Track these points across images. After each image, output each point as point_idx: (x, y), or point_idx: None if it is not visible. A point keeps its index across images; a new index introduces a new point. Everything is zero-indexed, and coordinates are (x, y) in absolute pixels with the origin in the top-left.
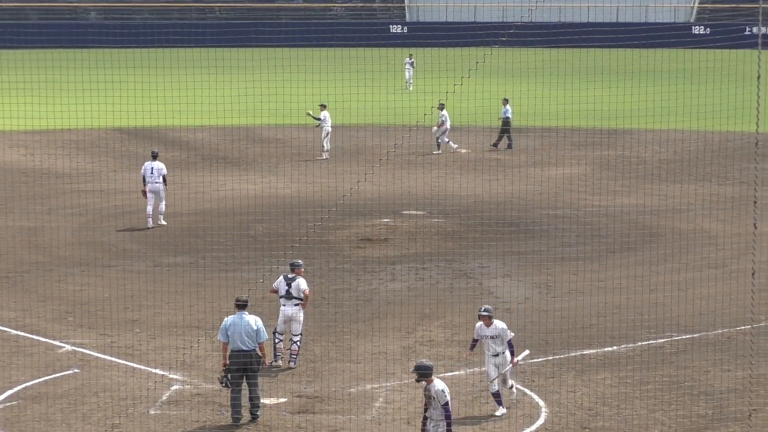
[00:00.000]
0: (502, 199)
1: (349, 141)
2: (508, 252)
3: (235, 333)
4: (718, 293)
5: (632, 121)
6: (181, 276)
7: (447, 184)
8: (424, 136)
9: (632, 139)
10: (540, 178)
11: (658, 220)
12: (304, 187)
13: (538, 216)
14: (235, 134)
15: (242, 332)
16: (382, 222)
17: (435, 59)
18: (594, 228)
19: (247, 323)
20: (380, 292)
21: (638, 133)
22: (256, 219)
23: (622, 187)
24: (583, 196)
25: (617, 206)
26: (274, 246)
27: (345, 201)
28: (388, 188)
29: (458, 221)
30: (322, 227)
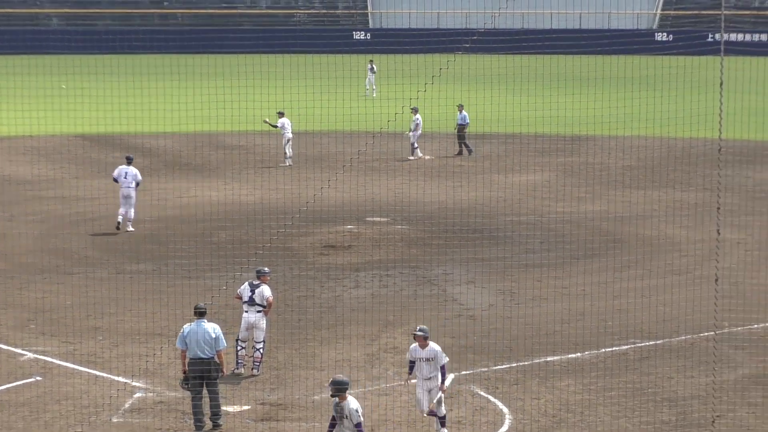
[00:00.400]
0: (466, 205)
1: (312, 148)
2: (472, 259)
3: (193, 341)
4: (682, 300)
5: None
6: (144, 283)
7: (411, 191)
8: (387, 143)
9: (596, 145)
10: (504, 184)
11: (621, 226)
12: (267, 193)
13: (502, 222)
14: (198, 141)
15: (200, 340)
16: (346, 229)
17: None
18: (558, 234)
19: (205, 331)
20: (344, 299)
21: (602, 139)
22: (219, 226)
23: (586, 194)
24: (546, 203)
25: (581, 213)
26: (238, 253)
27: (308, 208)
28: (352, 195)
29: (422, 228)
30: (286, 234)
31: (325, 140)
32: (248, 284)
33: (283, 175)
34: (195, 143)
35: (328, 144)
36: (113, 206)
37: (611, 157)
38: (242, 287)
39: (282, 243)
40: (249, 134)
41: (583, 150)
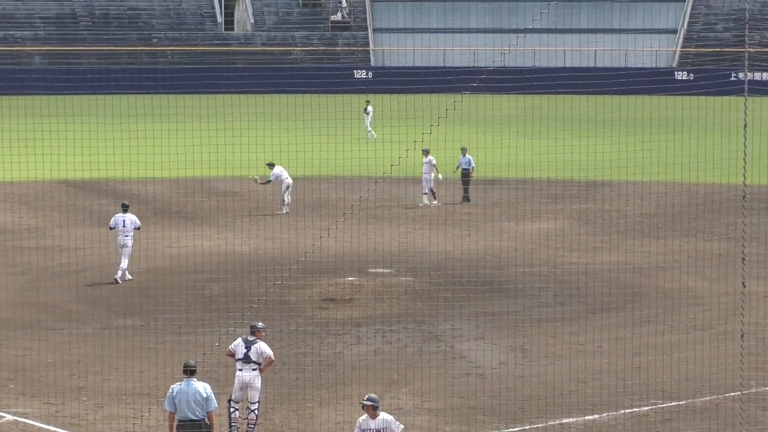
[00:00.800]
0: (474, 255)
1: (311, 194)
2: (482, 313)
3: (182, 401)
4: (706, 357)
5: (612, 173)
6: (132, 339)
7: (416, 240)
8: (391, 189)
9: (612, 191)
10: (515, 233)
11: (640, 278)
12: (263, 243)
13: (513, 274)
14: (189, 187)
15: (190, 400)
16: (347, 281)
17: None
18: (573, 287)
19: (195, 390)
20: (345, 356)
21: (619, 185)
22: (211, 278)
23: (602, 243)
24: (560, 253)
25: (597, 264)
26: (231, 307)
27: (307, 258)
28: (353, 244)
29: (428, 280)
30: (283, 286)
31: (324, 186)
32: (242, 340)
33: (280, 223)
34: (186, 189)
35: (328, 190)
36: (99, 257)
37: (629, 204)
38: (235, 343)
39: (278, 296)
40: (243, 180)
41: (599, 196)
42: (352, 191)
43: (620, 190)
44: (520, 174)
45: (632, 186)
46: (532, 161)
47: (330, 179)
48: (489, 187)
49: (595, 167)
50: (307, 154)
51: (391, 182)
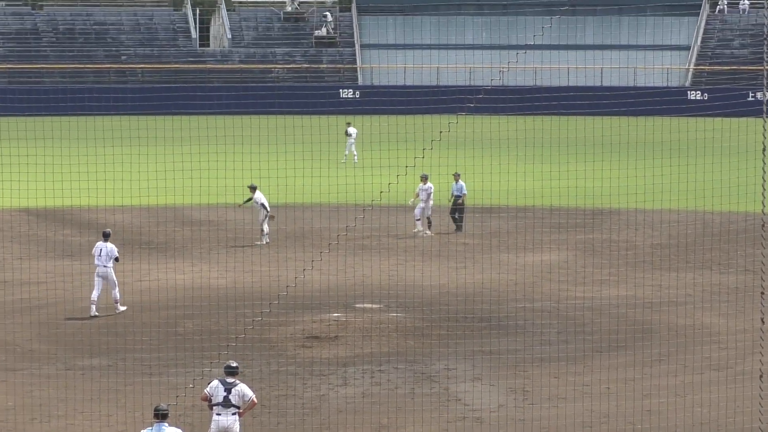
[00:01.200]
0: (471, 289)
1: (293, 223)
2: (479, 351)
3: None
4: (722, 399)
5: (620, 200)
6: (98, 381)
7: (407, 273)
8: (380, 217)
9: (620, 220)
10: (515, 265)
11: (651, 314)
12: (241, 276)
13: (513, 309)
14: (161, 215)
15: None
16: (332, 317)
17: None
18: (577, 324)
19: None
20: (330, 398)
21: (627, 213)
22: (185, 314)
23: (610, 276)
24: (564, 287)
25: (604, 298)
26: (207, 345)
27: (288, 293)
28: (339, 278)
29: (420, 316)
30: (262, 323)
31: (308, 214)
32: (220, 382)
33: (260, 254)
34: (157, 218)
35: (312, 219)
36: (63, 291)
37: (638, 234)
38: (212, 386)
39: (258, 333)
40: (219, 208)
41: (605, 226)
42: (338, 220)
43: (629, 219)
44: (521, 201)
45: (642, 214)
46: (534, 187)
47: (314, 207)
48: (486, 215)
49: (601, 194)
50: (290, 180)
51: (380, 210)
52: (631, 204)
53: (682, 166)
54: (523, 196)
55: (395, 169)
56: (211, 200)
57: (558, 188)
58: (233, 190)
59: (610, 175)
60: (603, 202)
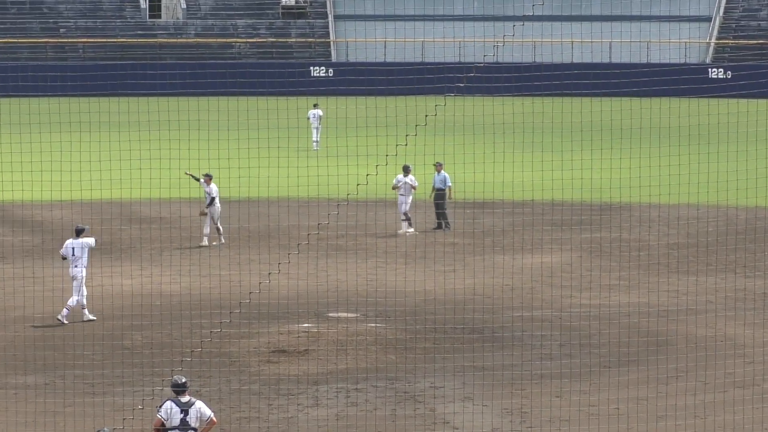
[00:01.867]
0: (460, 296)
1: (257, 220)
2: (470, 367)
3: None
4: (747, 421)
5: (631, 194)
6: (33, 401)
7: (388, 277)
8: (357, 214)
9: (632, 216)
10: (510, 268)
11: (667, 324)
12: (197, 281)
13: (509, 319)
14: (105, 212)
15: None
16: (302, 328)
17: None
18: (583, 335)
19: None
20: (299, 421)
21: (639, 209)
22: (133, 325)
23: (620, 281)
24: (567, 293)
25: (613, 306)
26: (158, 361)
27: (252, 300)
28: (310, 283)
29: (403, 326)
30: (222, 335)
31: (274, 210)
32: (173, 403)
33: (218, 256)
34: (101, 215)
35: (279, 215)
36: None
37: (652, 233)
38: (165, 408)
39: (217, 347)
40: (173, 202)
41: (614, 223)
42: (308, 217)
43: (641, 215)
44: (518, 195)
45: (656, 210)
46: (532, 179)
47: (281, 202)
48: (479, 211)
49: (610, 187)
50: (253, 170)
51: (357, 206)
52: (643, 198)
53: (702, 154)
54: (520, 190)
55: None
56: (162, 194)
57: (560, 180)
58: (188, 183)
59: (619, 165)
60: (612, 196)
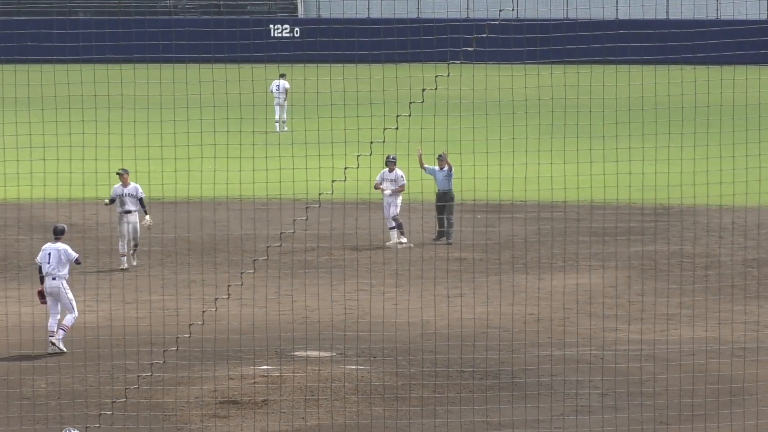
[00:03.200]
0: (469, 329)
1: (199, 228)
2: (482, 425)
3: None
4: None
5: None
6: None
7: (373, 304)
8: (332, 219)
9: (696, 223)
10: (536, 292)
11: (744, 366)
12: (119, 309)
13: (533, 360)
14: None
15: None
16: (259, 371)
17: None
18: (632, 381)
19: None
20: None
21: (707, 212)
22: (35, 367)
23: (681, 309)
24: (611, 325)
25: (673, 342)
26: (68, 414)
27: (193, 334)
28: (270, 311)
29: (393, 369)
30: (153, 380)
31: (222, 215)
32: None
33: (148, 276)
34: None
35: (228, 222)
36: None
37: (724, 245)
38: None
39: (146, 396)
40: (87, 204)
41: (673, 232)
42: (268, 224)
43: (709, 222)
44: (545, 196)
45: (729, 214)
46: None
47: (232, 204)
48: (494, 216)
49: (668, 184)
50: (194, 163)
51: (332, 208)
52: (712, 199)
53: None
54: (548, 187)
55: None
56: (73, 194)
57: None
58: (106, 178)
59: (680, 156)
60: (670, 196)
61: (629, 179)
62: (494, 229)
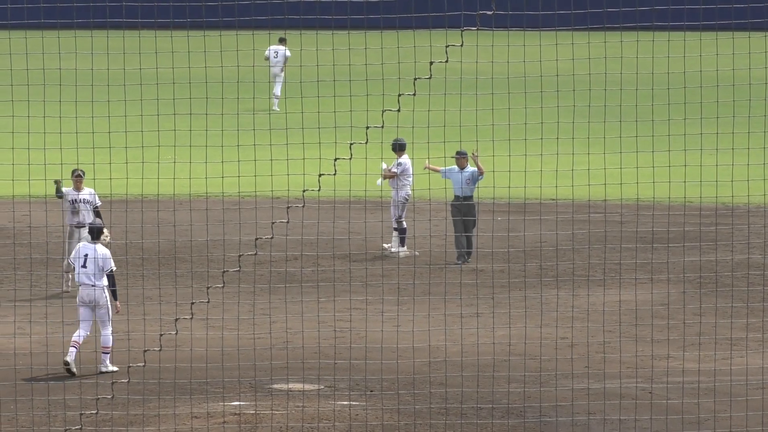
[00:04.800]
0: (487, 357)
1: (156, 233)
2: None
3: None
4: None
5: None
6: None
7: (369, 326)
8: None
9: (767, 227)
10: (569, 311)
11: None
12: (56, 332)
13: (567, 394)
14: None
15: None
16: (229, 408)
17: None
18: (688, 420)
19: None
20: None
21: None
22: None
23: (748, 332)
24: (662, 351)
25: (737, 374)
26: None
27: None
28: (243, 335)
29: (394, 406)
30: (100, 420)
31: (184, 217)
32: None
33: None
34: None
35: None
36: None
37: None
38: None
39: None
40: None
41: (739, 237)
42: (240, 228)
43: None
44: (580, 193)
45: None
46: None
47: (196, 203)
48: (517, 219)
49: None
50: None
51: (319, 208)
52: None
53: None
54: (584, 184)
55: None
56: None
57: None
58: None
59: (747, 144)
60: (736, 193)
61: (684, 172)
62: (518, 234)
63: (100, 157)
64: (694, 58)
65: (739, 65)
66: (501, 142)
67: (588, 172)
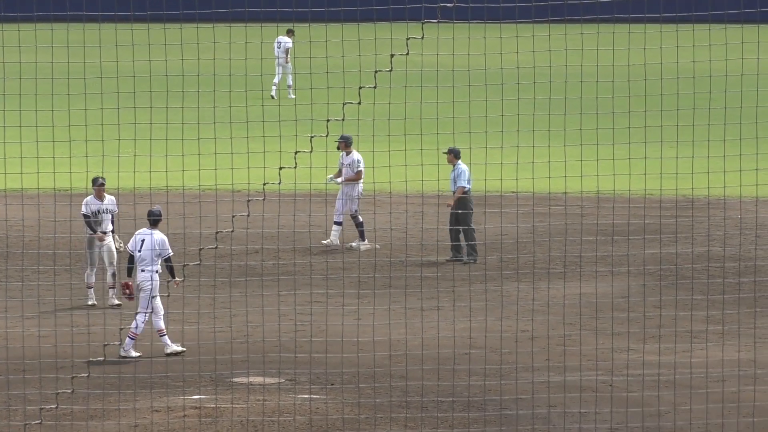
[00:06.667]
0: (449, 350)
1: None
2: None
3: None
4: None
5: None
6: None
7: (330, 320)
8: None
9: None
10: (530, 304)
11: None
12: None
13: (527, 386)
14: None
15: None
16: (189, 402)
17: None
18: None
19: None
20: None
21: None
22: None
23: (708, 325)
24: (623, 344)
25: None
26: None
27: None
28: (203, 328)
29: (355, 399)
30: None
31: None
32: None
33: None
34: None
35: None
36: None
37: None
38: None
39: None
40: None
41: (700, 230)
42: (200, 222)
43: (744, 218)
44: (541, 185)
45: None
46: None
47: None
48: (478, 211)
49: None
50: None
51: (280, 202)
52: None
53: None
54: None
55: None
56: None
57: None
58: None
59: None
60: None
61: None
62: (479, 227)
63: (60, 150)
64: (655, 51)
65: (699, 57)
66: (462, 135)
67: (548, 164)
